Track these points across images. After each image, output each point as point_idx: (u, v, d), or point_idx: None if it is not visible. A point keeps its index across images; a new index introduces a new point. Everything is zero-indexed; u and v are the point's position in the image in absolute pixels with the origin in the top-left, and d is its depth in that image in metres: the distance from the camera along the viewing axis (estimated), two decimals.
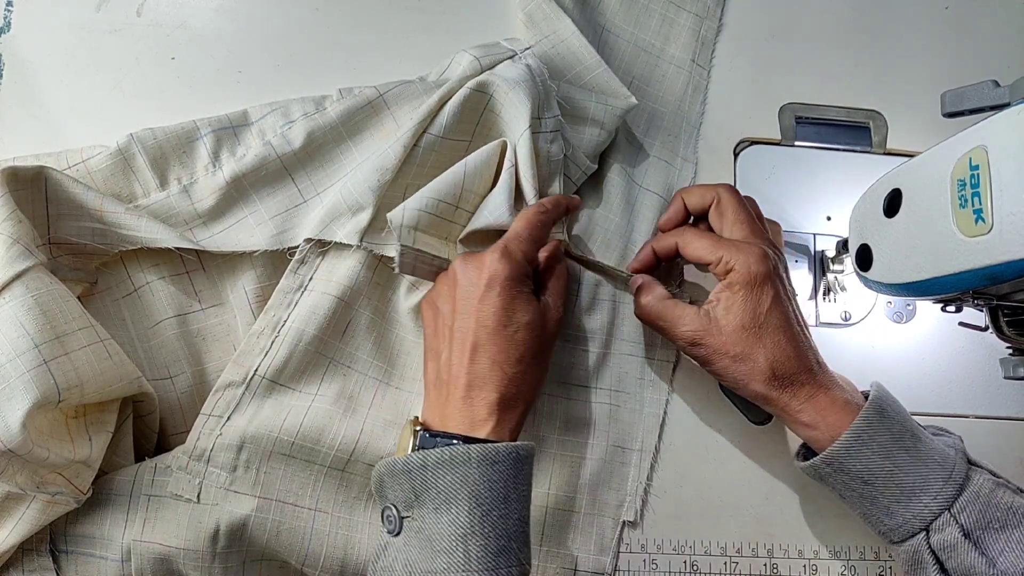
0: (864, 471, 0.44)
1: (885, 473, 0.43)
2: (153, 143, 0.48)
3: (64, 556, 0.43)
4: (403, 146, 0.47)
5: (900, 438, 0.44)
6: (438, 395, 0.43)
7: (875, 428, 0.44)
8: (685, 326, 0.46)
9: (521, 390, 0.43)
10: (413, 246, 0.46)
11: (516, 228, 0.45)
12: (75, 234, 0.45)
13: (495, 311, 0.42)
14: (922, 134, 0.59)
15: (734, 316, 0.45)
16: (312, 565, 0.46)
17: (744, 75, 0.60)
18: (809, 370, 0.46)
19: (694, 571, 0.51)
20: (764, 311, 0.45)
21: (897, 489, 0.44)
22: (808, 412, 0.45)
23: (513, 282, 0.43)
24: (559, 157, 0.50)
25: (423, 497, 0.39)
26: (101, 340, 0.42)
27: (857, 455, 0.44)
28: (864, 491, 0.44)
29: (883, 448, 0.44)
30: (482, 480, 0.39)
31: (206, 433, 0.46)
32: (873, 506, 0.45)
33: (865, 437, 0.44)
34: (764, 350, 0.45)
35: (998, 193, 0.35)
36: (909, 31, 0.62)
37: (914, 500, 0.43)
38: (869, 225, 0.46)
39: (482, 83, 0.48)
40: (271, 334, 0.47)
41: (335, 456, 0.46)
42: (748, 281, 0.45)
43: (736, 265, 0.45)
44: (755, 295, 0.45)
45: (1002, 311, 0.43)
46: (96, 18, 0.54)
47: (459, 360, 0.42)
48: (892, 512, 0.44)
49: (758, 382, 0.45)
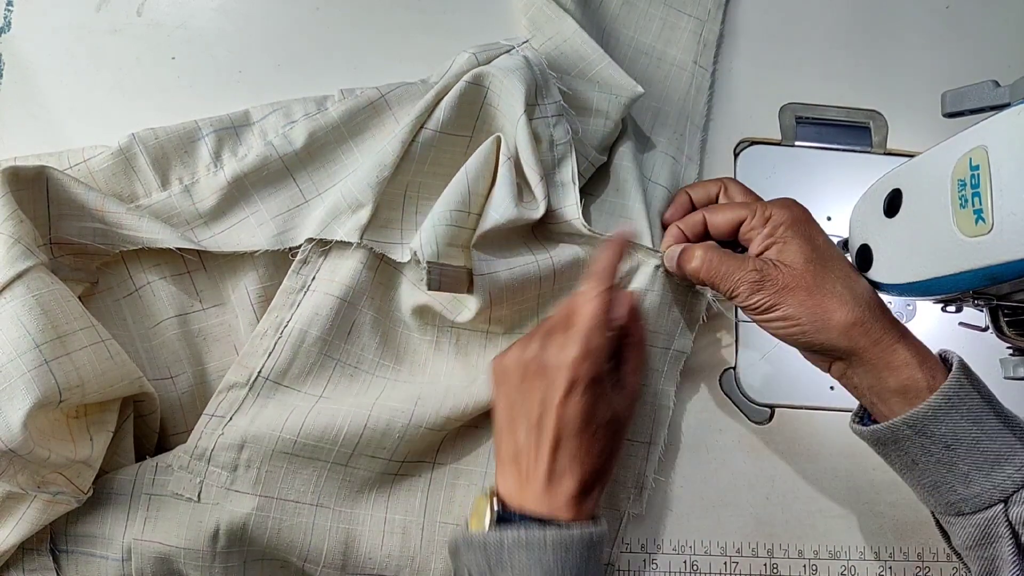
0: (949, 435, 0.40)
1: (971, 439, 0.40)
2: (154, 143, 0.48)
3: (65, 555, 0.43)
4: (401, 142, 0.47)
5: (989, 401, 0.41)
6: (516, 474, 0.42)
7: (967, 388, 0.40)
8: (746, 269, 0.44)
9: (600, 475, 0.42)
10: (438, 261, 0.45)
11: (592, 311, 0.41)
12: (76, 234, 0.45)
13: (580, 413, 0.40)
14: (922, 134, 0.60)
15: (793, 252, 0.43)
16: (314, 561, 0.46)
17: (744, 75, 0.60)
18: (884, 305, 0.43)
19: (694, 571, 0.51)
20: (822, 243, 0.44)
21: (981, 456, 0.40)
22: (902, 352, 0.41)
23: (596, 383, 0.41)
24: (565, 140, 0.50)
25: (497, 572, 0.39)
26: (102, 340, 0.42)
27: (945, 417, 0.40)
28: (944, 457, 0.41)
29: (972, 412, 0.40)
30: (556, 563, 0.38)
31: (208, 433, 0.46)
32: (950, 473, 0.41)
33: (957, 399, 0.40)
34: (838, 276, 0.43)
35: (998, 193, 0.35)
36: (909, 31, 0.62)
37: (996, 469, 0.40)
38: (869, 225, 0.46)
39: (478, 76, 0.48)
40: (274, 335, 0.47)
41: (339, 451, 0.46)
42: (792, 221, 0.44)
43: (774, 211, 0.44)
44: (805, 231, 0.44)
45: (1002, 311, 0.43)
46: (96, 18, 0.54)
47: (540, 451, 0.41)
48: (971, 481, 0.40)
49: (844, 307, 0.42)
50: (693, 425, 0.54)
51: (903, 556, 0.52)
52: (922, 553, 0.52)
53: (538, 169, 0.47)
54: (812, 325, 0.43)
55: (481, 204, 0.48)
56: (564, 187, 0.50)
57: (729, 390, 0.54)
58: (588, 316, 0.41)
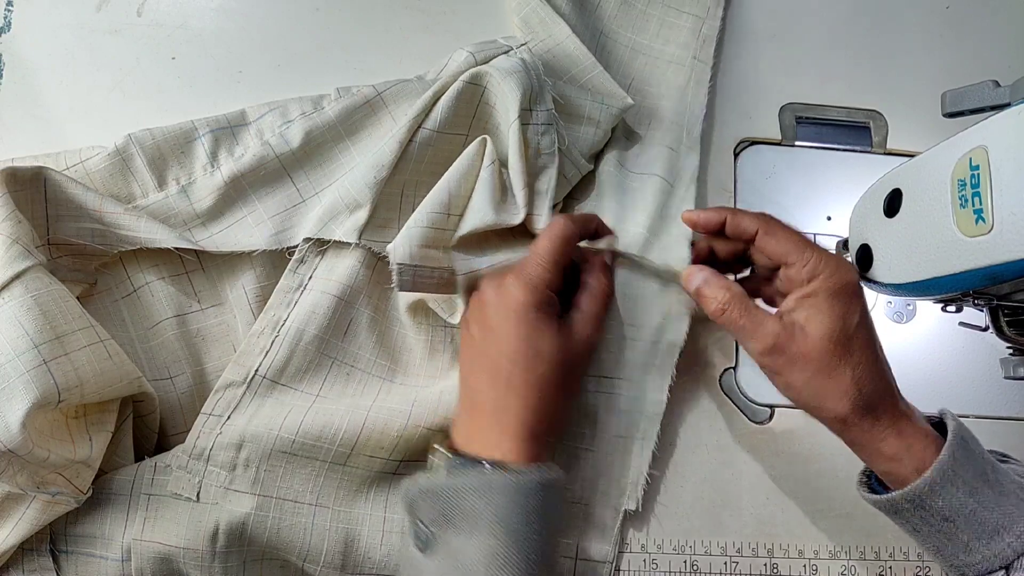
0: (946, 508, 0.40)
1: (968, 511, 0.40)
2: (151, 144, 0.48)
3: (64, 556, 0.43)
4: (398, 142, 0.47)
5: (983, 473, 0.40)
6: (468, 420, 0.43)
7: (960, 463, 0.40)
8: (767, 330, 0.42)
9: (548, 416, 0.42)
10: (410, 262, 0.45)
11: (536, 248, 0.43)
12: (74, 235, 0.45)
13: (516, 340, 0.41)
14: (922, 134, 0.59)
15: (820, 325, 0.41)
16: (313, 561, 0.46)
17: (744, 75, 0.60)
18: (893, 396, 0.42)
19: (694, 571, 0.51)
20: (854, 325, 0.41)
21: (979, 527, 0.40)
22: (892, 443, 0.41)
23: (531, 308, 0.41)
24: (551, 150, 0.50)
25: (452, 519, 0.39)
26: (101, 340, 0.42)
27: (941, 492, 0.40)
28: (943, 528, 0.41)
29: (967, 485, 0.40)
30: (509, 506, 0.38)
31: (206, 432, 0.46)
32: (951, 542, 0.41)
33: (950, 473, 0.40)
34: (851, 366, 0.41)
35: (998, 193, 0.35)
36: (909, 31, 0.62)
37: (996, 539, 0.40)
38: (869, 225, 0.46)
39: (476, 75, 0.48)
40: (271, 334, 0.47)
41: (337, 451, 0.46)
42: (838, 290, 0.41)
43: (825, 271, 0.42)
44: (844, 305, 0.41)
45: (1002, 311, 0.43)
46: (96, 18, 0.54)
47: (485, 386, 0.42)
48: (971, 550, 0.40)
49: (842, 402, 0.41)
50: (693, 425, 0.54)
51: (903, 556, 0.52)
52: (922, 553, 0.52)
53: (523, 176, 0.47)
54: (808, 403, 0.42)
55: (462, 206, 0.48)
56: (540, 196, 0.50)
57: (729, 390, 0.54)
58: (529, 254, 0.43)
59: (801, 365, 0.41)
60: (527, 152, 0.48)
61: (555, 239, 0.43)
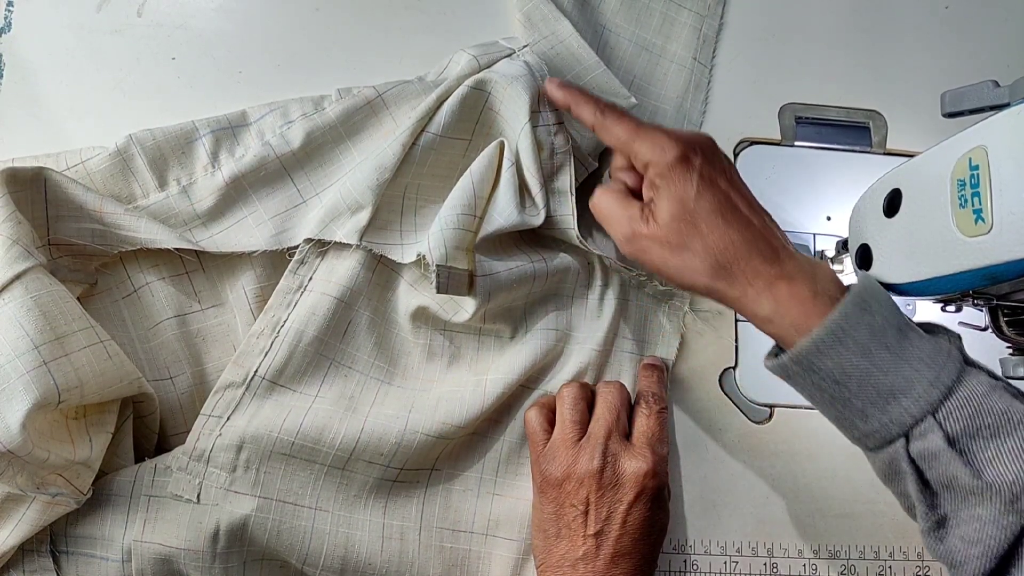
0: (836, 370, 0.38)
1: (860, 373, 0.38)
2: (152, 144, 0.48)
3: (65, 557, 0.43)
4: (402, 145, 0.47)
5: (882, 334, 0.38)
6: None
7: (852, 323, 0.38)
8: (624, 219, 0.44)
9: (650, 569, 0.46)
10: (446, 264, 0.45)
11: (652, 427, 0.47)
12: (75, 235, 0.45)
13: (641, 523, 0.44)
14: (922, 134, 0.59)
15: (662, 209, 0.42)
16: (313, 564, 0.46)
17: (744, 75, 0.60)
18: (765, 258, 0.41)
19: (694, 571, 0.51)
20: (691, 198, 0.42)
21: (874, 391, 0.38)
22: (764, 303, 0.40)
23: (660, 491, 0.45)
24: (565, 148, 0.50)
25: None
26: (101, 341, 0.42)
27: (829, 352, 0.38)
28: (836, 392, 0.39)
29: (859, 345, 0.38)
30: None
31: (206, 433, 0.46)
32: (846, 408, 0.39)
33: (840, 333, 0.38)
34: (701, 237, 0.41)
35: (998, 193, 0.35)
36: (909, 31, 0.62)
37: (892, 403, 0.37)
38: (869, 225, 0.46)
39: (480, 80, 0.48)
40: (271, 334, 0.47)
41: (336, 455, 0.46)
42: (666, 172, 0.42)
43: (652, 156, 0.43)
44: (677, 184, 0.42)
45: (1002, 311, 0.43)
46: (96, 18, 0.54)
47: (599, 562, 0.44)
48: (867, 416, 0.38)
49: (699, 273, 0.41)
50: (693, 425, 0.54)
51: (903, 556, 0.52)
52: (922, 553, 0.52)
53: (540, 177, 0.48)
54: (674, 279, 0.43)
55: (484, 207, 0.48)
56: (561, 195, 0.50)
57: (729, 390, 0.54)
58: (647, 428, 0.47)
59: (657, 248, 0.42)
60: (541, 153, 0.48)
61: (660, 396, 0.50)
